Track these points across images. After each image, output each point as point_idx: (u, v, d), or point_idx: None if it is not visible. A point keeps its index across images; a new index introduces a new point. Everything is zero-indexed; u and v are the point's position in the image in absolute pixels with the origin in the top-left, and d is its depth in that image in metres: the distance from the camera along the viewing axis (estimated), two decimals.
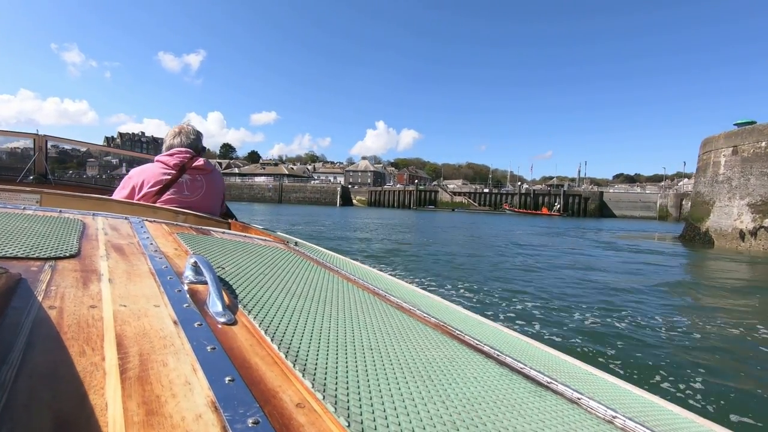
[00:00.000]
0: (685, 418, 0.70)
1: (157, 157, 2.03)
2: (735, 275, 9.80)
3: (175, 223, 1.39)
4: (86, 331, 0.45)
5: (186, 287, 0.65)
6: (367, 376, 0.49)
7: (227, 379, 0.40)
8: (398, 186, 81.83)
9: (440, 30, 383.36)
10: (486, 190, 72.62)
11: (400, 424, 0.40)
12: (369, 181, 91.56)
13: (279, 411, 0.37)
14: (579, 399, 0.62)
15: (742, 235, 15.66)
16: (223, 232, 1.39)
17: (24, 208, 1.11)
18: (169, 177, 1.94)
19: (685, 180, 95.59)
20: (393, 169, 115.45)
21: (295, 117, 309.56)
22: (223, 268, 0.81)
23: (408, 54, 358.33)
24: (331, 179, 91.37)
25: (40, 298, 0.52)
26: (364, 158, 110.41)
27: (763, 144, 15.33)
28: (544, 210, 62.51)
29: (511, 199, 67.39)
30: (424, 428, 0.40)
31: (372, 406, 0.42)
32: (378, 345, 0.60)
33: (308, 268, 1.06)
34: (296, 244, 1.56)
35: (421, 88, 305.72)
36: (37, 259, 0.67)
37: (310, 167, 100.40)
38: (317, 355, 0.51)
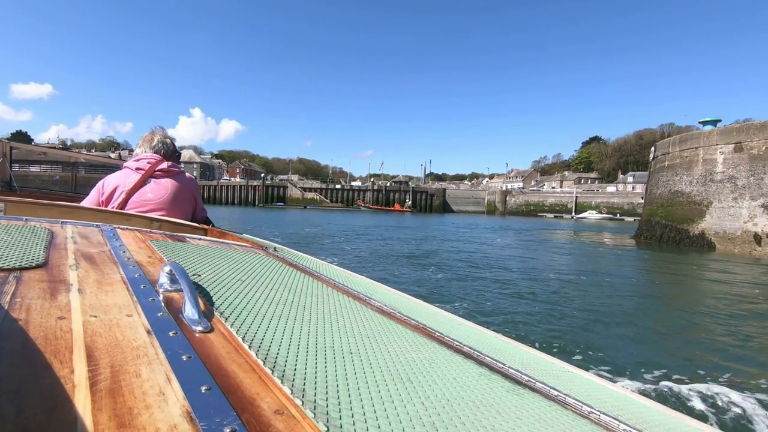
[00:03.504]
0: (655, 410, 0.70)
1: (125, 164, 1.97)
2: None
3: (149, 230, 1.33)
4: (54, 344, 0.42)
5: (161, 296, 0.62)
6: (347, 380, 0.48)
7: (203, 388, 0.38)
8: (237, 180, 69.43)
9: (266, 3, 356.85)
10: (338, 186, 67.19)
11: (379, 427, 0.39)
12: (196, 174, 75.56)
13: (257, 418, 0.36)
14: (556, 396, 0.61)
15: (757, 239, 13.90)
16: (199, 239, 1.35)
17: None
18: (134, 182, 1.87)
19: (487, 180, 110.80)
20: (220, 161, 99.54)
21: (81, 93, 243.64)
22: (199, 275, 0.78)
23: (232, 25, 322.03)
24: None
25: (3, 311, 0.48)
26: (182, 148, 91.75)
27: None
28: (397, 206, 61.03)
29: (363, 195, 63.87)
30: (404, 430, 0.39)
31: (351, 410, 0.41)
32: (358, 349, 0.59)
33: (287, 273, 1.02)
34: (275, 249, 1.48)
35: (244, 67, 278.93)
36: (1, 269, 0.63)
37: (113, 155, 77.31)
38: (296, 361, 0.49)
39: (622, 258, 12.82)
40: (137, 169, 1.92)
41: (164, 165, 1.97)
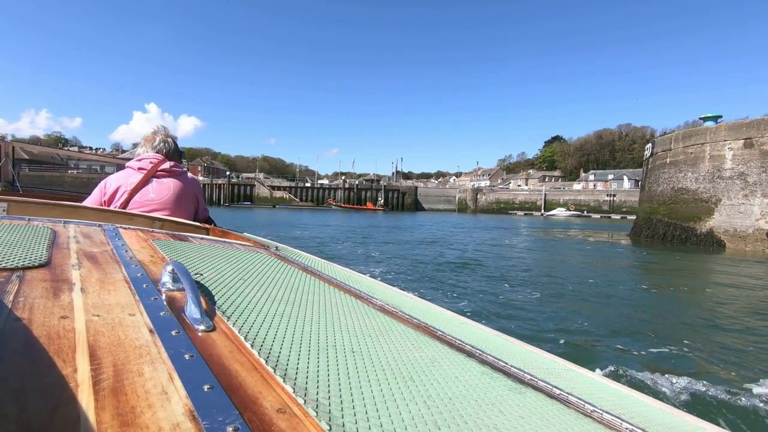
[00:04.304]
0: (658, 408, 0.69)
1: (127, 164, 1.96)
2: None
3: (151, 229, 1.33)
4: (57, 343, 0.42)
5: (163, 295, 0.62)
6: (349, 379, 0.47)
7: (206, 386, 0.38)
8: (199, 179, 65.20)
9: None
10: (308, 185, 64.62)
11: (381, 426, 0.39)
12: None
13: (259, 417, 0.36)
14: (558, 394, 0.60)
15: None
16: (202, 238, 1.34)
17: None
18: (136, 182, 1.86)
19: (454, 178, 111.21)
20: None
21: (23, 85, 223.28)
22: (202, 275, 0.78)
23: (189, 15, 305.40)
24: (98, 169, 65.88)
25: (7, 310, 0.48)
26: (135, 144, 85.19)
27: None
28: (369, 205, 59.36)
29: (334, 194, 61.72)
30: (406, 428, 0.39)
31: (354, 408, 0.41)
32: (360, 348, 0.59)
33: (289, 272, 1.01)
34: (277, 248, 1.47)
35: (203, 61, 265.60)
36: (4, 269, 0.63)
37: (60, 153, 70.28)
38: (298, 359, 0.49)
39: (633, 259, 12.14)
40: (139, 168, 1.90)
41: (166, 165, 1.96)
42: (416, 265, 8.90)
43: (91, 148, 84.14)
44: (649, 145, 19.41)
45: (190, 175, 2.07)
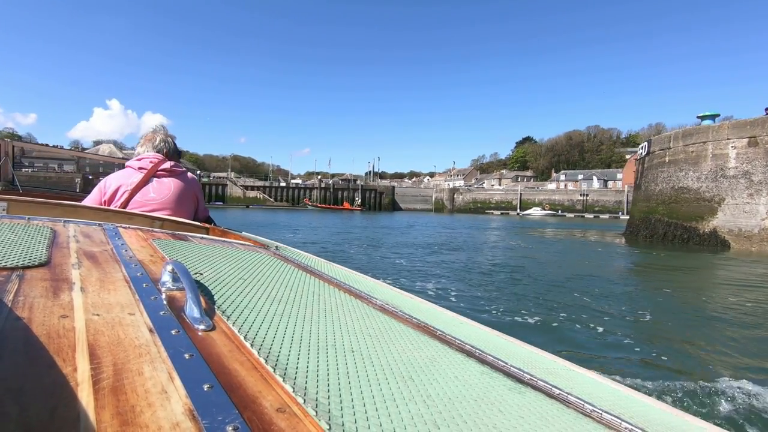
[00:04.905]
0: (658, 408, 0.68)
1: (127, 163, 1.95)
2: None
3: (150, 229, 1.33)
4: (57, 342, 0.42)
5: (163, 294, 0.61)
6: (349, 378, 0.47)
7: (205, 386, 0.38)
8: None
9: None
10: (283, 184, 62.41)
11: (381, 425, 0.39)
12: (116, 170, 65.73)
13: (259, 416, 0.35)
14: (558, 394, 0.60)
15: None
16: (202, 238, 1.34)
17: None
18: (137, 182, 1.84)
19: (427, 178, 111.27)
20: None
21: None
22: (201, 274, 0.78)
23: (152, 8, 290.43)
24: (56, 167, 61.17)
25: (6, 310, 0.48)
26: (97, 142, 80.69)
27: None
28: (346, 205, 57.99)
29: (310, 193, 59.90)
30: (405, 428, 0.39)
31: (353, 408, 0.41)
32: (360, 347, 0.58)
33: (289, 272, 1.01)
34: (277, 248, 1.46)
35: (170, 56, 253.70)
36: (4, 268, 0.63)
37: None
38: (298, 359, 0.49)
39: (641, 260, 11.68)
40: (140, 168, 1.89)
41: (167, 164, 1.95)
42: (460, 273, 7.78)
43: (50, 145, 78.26)
44: (645, 143, 19.11)
45: (190, 174, 2.05)
